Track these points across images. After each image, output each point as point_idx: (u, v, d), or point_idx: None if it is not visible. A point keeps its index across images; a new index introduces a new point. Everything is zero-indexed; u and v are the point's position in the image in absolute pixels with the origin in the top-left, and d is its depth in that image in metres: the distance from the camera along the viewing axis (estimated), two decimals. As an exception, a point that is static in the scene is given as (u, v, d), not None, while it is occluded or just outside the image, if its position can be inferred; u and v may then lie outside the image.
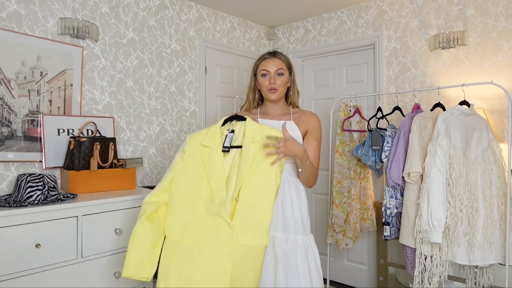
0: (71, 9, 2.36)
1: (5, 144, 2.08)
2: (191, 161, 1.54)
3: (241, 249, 1.43)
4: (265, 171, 1.48)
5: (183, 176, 1.54)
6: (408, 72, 2.85)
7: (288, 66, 1.75)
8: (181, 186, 1.53)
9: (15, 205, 1.71)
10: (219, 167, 1.49)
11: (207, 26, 3.18)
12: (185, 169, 1.54)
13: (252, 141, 1.51)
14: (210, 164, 1.50)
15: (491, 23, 2.48)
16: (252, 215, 1.46)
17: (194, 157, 1.54)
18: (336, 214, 2.74)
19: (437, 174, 2.01)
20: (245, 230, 1.44)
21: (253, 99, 1.81)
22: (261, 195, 1.47)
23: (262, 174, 1.48)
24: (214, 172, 1.49)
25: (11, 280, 1.67)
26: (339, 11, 3.25)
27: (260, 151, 1.50)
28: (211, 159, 1.51)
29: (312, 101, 3.54)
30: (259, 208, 1.46)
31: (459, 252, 2.01)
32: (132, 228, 1.52)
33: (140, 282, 2.12)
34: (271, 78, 1.69)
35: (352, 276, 3.21)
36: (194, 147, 1.55)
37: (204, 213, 1.47)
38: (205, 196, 1.48)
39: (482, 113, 2.32)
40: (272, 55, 1.74)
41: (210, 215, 1.46)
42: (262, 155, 1.50)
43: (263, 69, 1.71)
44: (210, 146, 1.53)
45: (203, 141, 1.55)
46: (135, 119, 2.70)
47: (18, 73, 2.13)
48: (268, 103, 1.78)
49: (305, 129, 1.72)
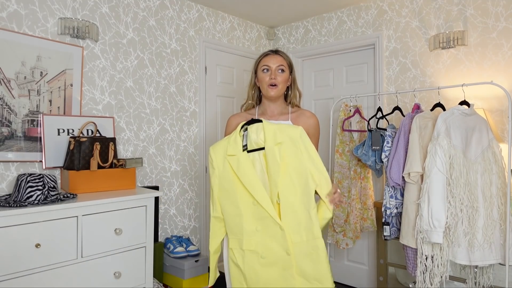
0: (71, 9, 2.36)
1: (5, 144, 2.08)
2: (223, 174, 1.57)
3: (298, 246, 1.48)
4: (298, 169, 1.51)
5: (221, 188, 1.58)
6: (408, 72, 2.84)
7: (289, 64, 1.77)
8: (223, 197, 1.58)
9: (15, 205, 1.71)
10: (251, 171, 1.52)
11: (207, 26, 3.18)
12: (221, 183, 1.58)
13: (275, 143, 1.52)
14: (241, 170, 1.53)
15: (491, 23, 2.48)
16: (298, 213, 1.49)
17: (224, 169, 1.57)
18: (337, 214, 2.74)
19: (438, 174, 2.01)
20: (295, 228, 1.48)
21: (253, 96, 1.81)
22: (301, 192, 1.50)
23: (295, 173, 1.51)
24: (248, 177, 1.51)
25: (11, 280, 1.67)
26: (339, 11, 3.25)
27: (286, 151, 1.52)
28: (240, 166, 1.53)
29: (312, 101, 3.54)
30: (302, 205, 1.49)
31: (460, 252, 2.01)
32: (132, 228, 1.53)
33: (140, 282, 2.12)
34: (272, 73, 1.70)
35: (352, 276, 3.21)
36: (221, 160, 1.58)
37: (253, 219, 1.51)
38: (248, 202, 1.52)
39: (482, 113, 2.32)
40: (275, 52, 1.76)
41: (259, 219, 1.51)
42: (290, 154, 1.51)
43: (264, 64, 1.72)
44: (236, 153, 1.55)
45: (227, 151, 1.57)
46: (135, 119, 2.70)
47: (18, 73, 2.13)
48: (266, 101, 1.78)
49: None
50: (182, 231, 2.98)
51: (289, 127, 1.56)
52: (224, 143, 1.59)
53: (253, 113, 1.79)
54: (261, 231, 1.50)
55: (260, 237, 1.50)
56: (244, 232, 1.51)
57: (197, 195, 3.09)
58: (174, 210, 2.93)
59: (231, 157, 1.55)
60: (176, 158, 2.95)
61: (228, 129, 1.80)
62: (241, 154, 1.54)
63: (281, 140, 1.52)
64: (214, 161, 1.59)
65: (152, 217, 2.18)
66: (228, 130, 1.80)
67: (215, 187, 1.59)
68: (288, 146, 1.51)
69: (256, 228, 1.51)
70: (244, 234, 1.51)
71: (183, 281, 2.50)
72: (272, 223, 1.48)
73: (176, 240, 2.71)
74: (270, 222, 1.48)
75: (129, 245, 2.07)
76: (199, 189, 3.10)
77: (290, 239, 1.47)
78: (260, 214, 1.49)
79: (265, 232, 1.50)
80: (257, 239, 1.51)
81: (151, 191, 2.22)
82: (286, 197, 1.49)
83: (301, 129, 1.54)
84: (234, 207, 1.54)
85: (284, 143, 1.52)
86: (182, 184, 2.99)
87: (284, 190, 1.49)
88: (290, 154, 1.51)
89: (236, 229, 1.54)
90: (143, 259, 2.14)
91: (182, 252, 2.59)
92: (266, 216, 1.48)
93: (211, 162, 1.60)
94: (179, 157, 2.97)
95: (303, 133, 1.54)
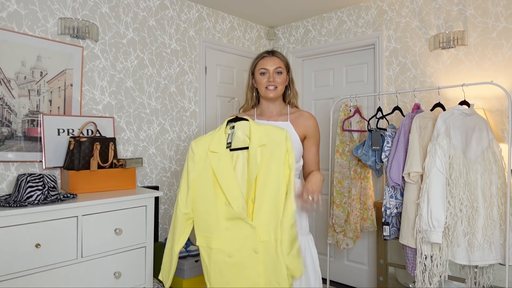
0: (71, 9, 2.36)
1: (5, 144, 2.08)
2: (202, 169, 1.54)
3: (266, 244, 1.46)
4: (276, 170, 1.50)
5: (197, 184, 1.55)
6: (408, 72, 2.85)
7: (286, 65, 1.75)
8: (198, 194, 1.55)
9: (15, 205, 1.71)
10: (230, 174, 1.50)
11: (207, 26, 3.18)
12: (198, 178, 1.55)
13: (259, 144, 1.51)
14: (220, 170, 1.51)
15: (491, 23, 2.48)
16: (271, 212, 1.48)
17: (204, 165, 1.54)
18: (337, 214, 2.75)
19: (437, 174, 2.01)
20: (266, 227, 1.47)
21: (251, 97, 1.80)
22: (276, 193, 1.48)
23: (273, 174, 1.49)
24: (226, 179, 1.50)
25: (11, 280, 1.67)
26: (339, 11, 3.25)
27: (268, 153, 1.51)
28: (220, 164, 1.51)
29: (312, 101, 3.54)
30: (276, 206, 1.48)
31: (459, 252, 2.01)
32: (132, 228, 1.52)
33: (140, 282, 2.12)
34: (270, 76, 1.69)
35: (352, 276, 3.21)
36: (202, 154, 1.55)
37: (224, 219, 1.49)
38: (221, 201, 1.50)
39: (482, 113, 2.32)
40: (271, 54, 1.73)
41: (230, 219, 1.49)
42: (270, 156, 1.50)
43: (261, 67, 1.71)
44: (218, 151, 1.53)
45: (210, 146, 1.54)
46: (135, 119, 2.70)
47: (18, 73, 2.13)
48: (265, 102, 1.76)
49: (303, 132, 1.72)
50: (182, 231, 2.98)
51: (275, 129, 1.55)
52: (207, 139, 1.57)
53: (251, 114, 1.78)
54: (230, 230, 1.49)
55: (230, 236, 1.49)
56: (214, 230, 1.49)
57: (197, 195, 3.09)
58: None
59: (213, 154, 1.53)
60: (176, 158, 2.95)
61: None
62: (223, 151, 1.53)
63: (265, 142, 1.51)
64: (196, 156, 1.55)
65: (152, 217, 2.18)
66: None
67: (192, 182, 1.55)
68: (270, 148, 1.51)
69: (226, 228, 1.49)
70: (213, 233, 1.49)
71: (183, 281, 2.50)
72: (243, 223, 1.47)
73: (176, 240, 2.71)
74: (241, 222, 1.47)
75: (129, 245, 2.07)
76: (199, 189, 3.10)
77: (259, 237, 1.46)
78: (232, 215, 1.48)
79: (234, 231, 1.48)
80: (226, 238, 1.49)
81: (151, 191, 2.22)
82: (260, 197, 1.47)
83: (286, 132, 1.53)
84: (206, 205, 1.52)
85: (268, 145, 1.51)
86: (182, 184, 2.99)
87: (259, 190, 1.48)
88: (271, 156, 1.50)
89: (205, 228, 1.52)
90: (143, 259, 2.14)
91: (182, 252, 2.59)
92: (237, 217, 1.47)
93: (192, 156, 1.56)
94: (179, 157, 2.97)
95: (288, 136, 1.53)
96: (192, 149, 1.56)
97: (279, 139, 1.52)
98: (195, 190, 1.55)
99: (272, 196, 1.48)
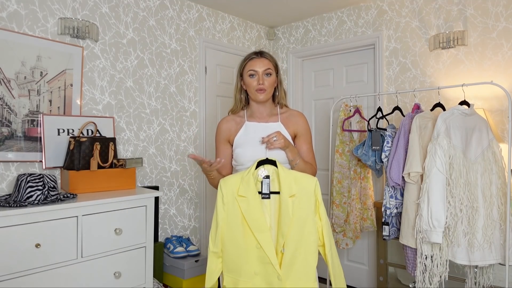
0: (71, 9, 2.36)
1: (5, 144, 2.08)
2: (231, 211, 1.54)
3: None
4: (305, 221, 1.51)
5: (227, 225, 1.55)
6: (408, 72, 2.85)
7: (275, 66, 1.72)
8: (227, 235, 1.55)
9: (15, 205, 1.71)
10: (260, 216, 1.50)
11: (207, 26, 3.18)
12: (227, 219, 1.55)
13: (289, 194, 1.50)
14: (251, 214, 1.50)
15: (491, 23, 2.48)
16: (299, 265, 1.49)
17: (233, 207, 1.53)
18: (336, 214, 2.75)
19: (437, 174, 2.01)
20: (294, 280, 1.48)
21: (240, 99, 1.77)
22: (305, 246, 1.50)
23: (303, 225, 1.50)
24: (256, 222, 1.50)
25: (11, 280, 1.67)
26: (339, 11, 3.25)
27: (299, 204, 1.51)
28: (250, 209, 1.51)
29: (312, 101, 3.54)
30: (305, 259, 1.49)
31: (459, 252, 2.01)
32: (132, 228, 1.52)
33: (140, 282, 2.12)
34: (259, 78, 1.66)
35: (352, 276, 3.21)
36: (231, 197, 1.55)
37: (253, 263, 1.50)
38: (252, 245, 1.50)
39: (482, 113, 2.32)
40: (259, 55, 1.70)
41: (260, 263, 1.49)
42: (301, 208, 1.51)
43: (250, 69, 1.67)
44: (246, 195, 1.52)
45: (238, 191, 1.53)
46: (135, 119, 2.70)
47: (18, 73, 2.13)
48: (254, 104, 1.74)
49: (293, 131, 1.71)
50: (182, 231, 2.98)
51: (304, 177, 1.54)
52: (236, 181, 1.55)
53: (241, 116, 1.76)
54: (259, 275, 1.49)
55: (258, 281, 1.49)
56: (243, 273, 1.49)
57: (197, 195, 3.10)
58: (174, 210, 2.93)
59: (242, 198, 1.52)
60: (176, 158, 2.95)
61: (218, 136, 1.77)
62: (252, 196, 1.51)
63: (296, 192, 1.50)
64: (225, 197, 1.55)
65: (152, 217, 2.18)
66: (218, 138, 1.76)
67: (221, 222, 1.55)
68: (301, 199, 1.51)
69: (255, 272, 1.49)
70: (242, 276, 1.49)
71: (183, 281, 2.50)
72: (271, 270, 1.47)
73: (176, 240, 2.71)
74: (270, 269, 1.47)
75: (129, 245, 2.07)
76: (199, 189, 3.10)
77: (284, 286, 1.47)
78: (262, 259, 1.48)
79: (263, 277, 1.49)
80: (254, 283, 1.49)
81: (151, 191, 2.22)
82: (291, 249, 1.48)
83: (315, 180, 1.53)
84: (236, 247, 1.51)
85: (298, 196, 1.51)
86: (182, 184, 2.99)
87: (290, 242, 1.48)
88: (302, 207, 1.51)
89: (234, 269, 1.52)
90: (143, 259, 2.14)
91: (182, 252, 2.59)
92: (267, 262, 1.47)
93: (221, 196, 1.55)
94: (179, 157, 2.97)
95: (317, 185, 1.53)
96: (221, 188, 1.56)
97: (309, 188, 1.52)
98: (224, 231, 1.54)
99: (303, 247, 1.49)
